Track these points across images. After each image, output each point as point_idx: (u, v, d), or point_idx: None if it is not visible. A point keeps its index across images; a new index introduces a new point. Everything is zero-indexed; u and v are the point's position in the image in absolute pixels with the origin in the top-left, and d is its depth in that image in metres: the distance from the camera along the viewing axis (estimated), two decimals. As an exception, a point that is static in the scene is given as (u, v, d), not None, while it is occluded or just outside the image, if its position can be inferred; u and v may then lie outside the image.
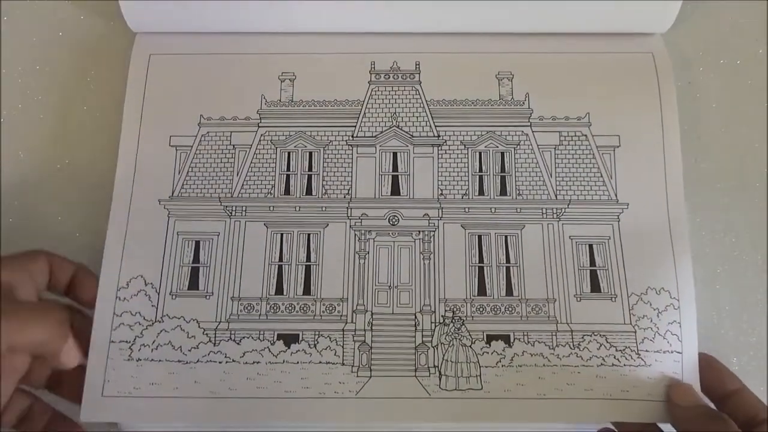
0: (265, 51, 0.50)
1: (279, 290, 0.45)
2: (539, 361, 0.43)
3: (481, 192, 0.47)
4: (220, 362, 0.43)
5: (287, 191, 0.47)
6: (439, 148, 0.48)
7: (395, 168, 0.48)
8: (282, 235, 0.46)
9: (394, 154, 0.48)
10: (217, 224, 0.46)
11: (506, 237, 0.46)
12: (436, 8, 0.48)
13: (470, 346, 0.43)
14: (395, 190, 0.47)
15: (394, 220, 0.46)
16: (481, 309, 0.44)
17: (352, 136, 0.48)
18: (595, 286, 0.45)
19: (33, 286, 0.41)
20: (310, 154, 0.48)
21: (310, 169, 0.48)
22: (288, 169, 0.48)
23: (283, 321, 0.44)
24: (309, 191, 0.47)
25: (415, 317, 0.44)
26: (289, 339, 0.44)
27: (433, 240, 0.46)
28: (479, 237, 0.46)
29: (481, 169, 0.47)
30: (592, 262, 0.45)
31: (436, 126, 0.48)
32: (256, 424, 0.42)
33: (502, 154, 0.48)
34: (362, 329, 0.44)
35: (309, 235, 0.46)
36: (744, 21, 0.53)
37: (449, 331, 0.44)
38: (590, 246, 0.46)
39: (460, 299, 0.44)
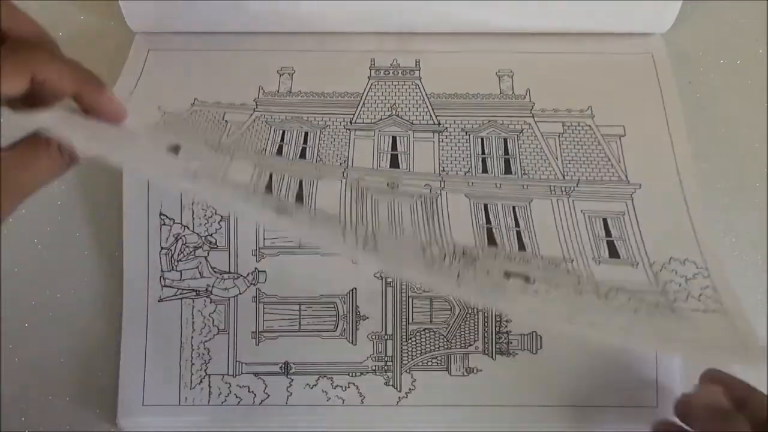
0: (266, 49, 0.50)
1: None
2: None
3: (484, 171, 0.45)
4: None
5: (280, 163, 0.45)
6: (440, 134, 0.47)
7: (394, 149, 0.46)
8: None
9: (394, 138, 0.46)
10: None
11: (514, 208, 0.44)
12: (435, 7, 0.48)
13: None
14: (394, 167, 0.45)
15: (393, 186, 0.44)
16: (494, 256, 0.41)
17: (351, 122, 0.47)
18: (614, 253, 0.42)
19: None
20: (306, 133, 0.46)
21: (305, 142, 0.46)
22: (282, 141, 0.46)
23: None
24: (303, 160, 0.45)
25: None
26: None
27: (436, 204, 0.43)
28: (485, 205, 0.44)
29: (483, 152, 0.46)
30: (608, 234, 0.43)
31: (436, 116, 0.47)
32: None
33: (505, 140, 0.46)
34: None
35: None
36: (744, 21, 0.53)
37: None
38: (604, 220, 0.43)
39: (470, 247, 0.41)
